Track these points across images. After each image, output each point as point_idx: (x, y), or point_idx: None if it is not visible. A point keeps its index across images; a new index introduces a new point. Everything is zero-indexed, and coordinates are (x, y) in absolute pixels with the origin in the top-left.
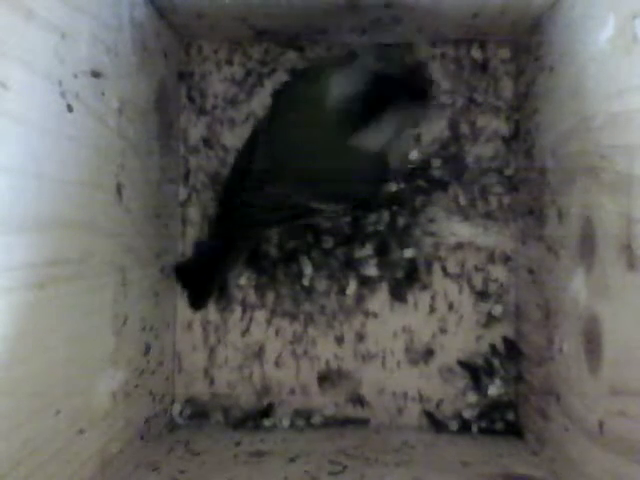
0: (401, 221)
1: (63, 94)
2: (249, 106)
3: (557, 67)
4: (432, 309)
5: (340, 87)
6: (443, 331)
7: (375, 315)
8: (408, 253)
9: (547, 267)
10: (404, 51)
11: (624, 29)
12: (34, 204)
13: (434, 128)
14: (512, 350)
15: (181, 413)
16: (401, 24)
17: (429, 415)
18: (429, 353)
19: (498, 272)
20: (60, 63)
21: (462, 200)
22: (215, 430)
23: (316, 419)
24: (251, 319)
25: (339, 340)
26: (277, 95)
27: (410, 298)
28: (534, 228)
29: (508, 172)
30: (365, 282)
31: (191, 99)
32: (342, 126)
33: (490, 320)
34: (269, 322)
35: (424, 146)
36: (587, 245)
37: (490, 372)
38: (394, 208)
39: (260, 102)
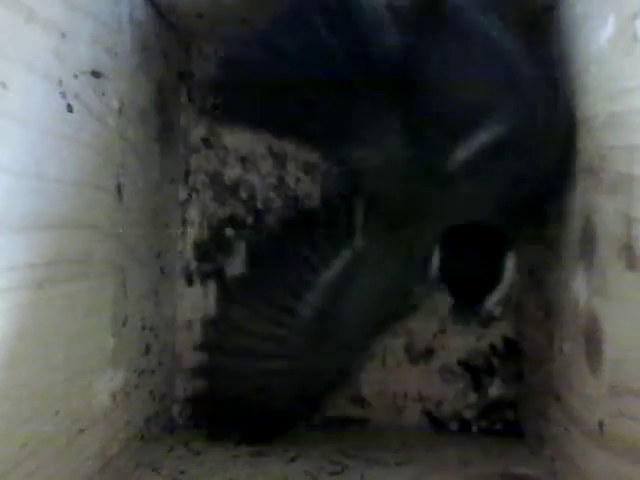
0: None
1: (63, 94)
2: None
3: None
4: (432, 309)
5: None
6: (443, 331)
7: None
8: None
9: (547, 267)
10: None
11: (624, 29)
12: (34, 204)
13: None
14: (512, 350)
15: (181, 413)
16: None
17: (429, 415)
18: (429, 353)
19: None
20: (60, 63)
21: None
22: None
23: (316, 419)
24: None
25: None
26: None
27: None
28: (534, 228)
29: None
30: None
31: (191, 99)
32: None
33: (490, 320)
34: None
35: None
36: (587, 245)
37: (490, 372)
38: None
39: None
